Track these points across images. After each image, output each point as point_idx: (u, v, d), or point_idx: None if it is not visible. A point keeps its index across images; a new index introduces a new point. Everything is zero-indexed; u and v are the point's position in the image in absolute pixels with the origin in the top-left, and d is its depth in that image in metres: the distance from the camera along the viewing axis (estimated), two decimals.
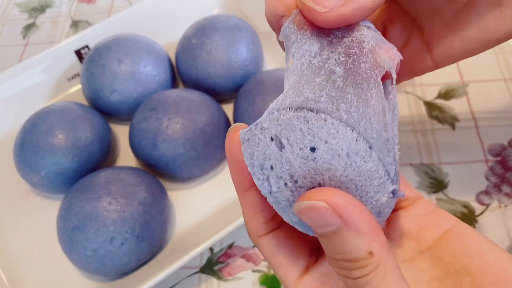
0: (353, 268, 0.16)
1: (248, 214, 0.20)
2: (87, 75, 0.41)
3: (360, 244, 0.15)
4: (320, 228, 0.16)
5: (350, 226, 0.15)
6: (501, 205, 0.36)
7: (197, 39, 0.41)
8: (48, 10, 0.57)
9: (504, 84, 0.42)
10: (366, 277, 0.15)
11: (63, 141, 0.36)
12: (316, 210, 0.15)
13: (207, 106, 0.38)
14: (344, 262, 0.16)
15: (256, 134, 0.17)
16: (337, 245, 0.16)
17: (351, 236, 0.15)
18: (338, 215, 0.15)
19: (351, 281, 0.16)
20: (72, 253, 0.33)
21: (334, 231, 0.15)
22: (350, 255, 0.15)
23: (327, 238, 0.16)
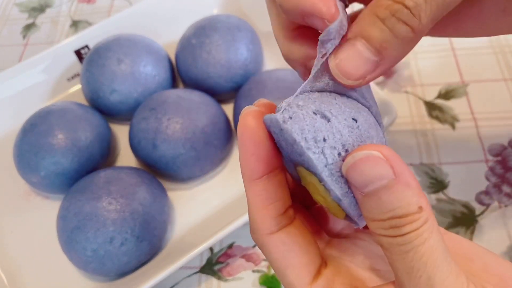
0: (404, 223, 0.15)
1: (257, 207, 0.18)
2: (87, 75, 0.41)
3: (411, 198, 0.15)
4: (370, 184, 0.15)
5: (401, 179, 0.15)
6: (501, 205, 0.36)
7: (197, 39, 0.41)
8: (48, 10, 0.57)
9: (504, 84, 0.42)
10: (417, 231, 0.15)
11: (63, 141, 0.36)
12: (371, 160, 0.15)
13: (207, 106, 0.38)
14: (394, 219, 0.15)
15: (296, 112, 0.17)
16: (388, 201, 0.15)
17: (403, 190, 0.15)
18: (391, 167, 0.15)
19: (400, 238, 0.15)
20: (72, 253, 0.33)
21: (385, 186, 0.15)
22: (402, 210, 0.15)
23: (375, 196, 0.15)
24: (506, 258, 0.33)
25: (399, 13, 0.16)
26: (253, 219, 0.19)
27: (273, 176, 0.18)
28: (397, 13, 0.16)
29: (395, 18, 0.16)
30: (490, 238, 0.34)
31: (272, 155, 0.18)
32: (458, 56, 0.45)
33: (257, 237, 0.19)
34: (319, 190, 0.17)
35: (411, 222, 0.15)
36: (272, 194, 0.18)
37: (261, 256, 0.35)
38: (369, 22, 0.17)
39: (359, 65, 0.17)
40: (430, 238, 0.15)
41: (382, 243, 0.16)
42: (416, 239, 0.15)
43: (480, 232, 0.35)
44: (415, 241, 0.15)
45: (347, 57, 0.17)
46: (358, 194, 0.16)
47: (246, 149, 0.18)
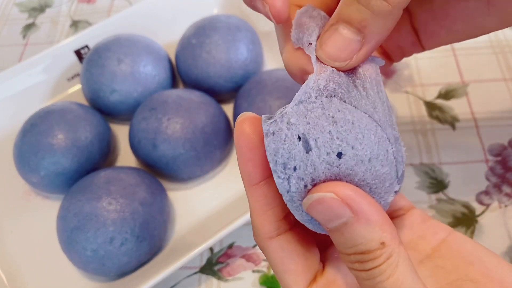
0: (366, 259, 0.16)
1: (258, 211, 0.18)
2: (87, 75, 0.41)
3: (371, 235, 0.15)
4: (330, 222, 0.16)
5: (360, 217, 0.15)
6: (501, 205, 0.36)
7: (197, 39, 0.41)
8: (47, 10, 0.57)
9: (505, 84, 0.42)
10: (379, 268, 0.16)
11: (63, 141, 0.36)
12: (325, 202, 0.15)
13: (207, 106, 0.38)
14: (357, 255, 0.16)
15: (282, 129, 0.16)
16: (348, 238, 0.16)
17: (362, 227, 0.15)
18: (348, 206, 0.15)
19: (364, 273, 0.16)
20: (72, 253, 0.33)
21: (344, 223, 0.15)
22: (363, 246, 0.15)
23: (338, 232, 0.16)
24: (506, 258, 0.33)
25: None
26: (254, 223, 0.19)
27: (272, 181, 0.18)
28: None
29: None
30: (490, 238, 0.34)
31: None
32: (458, 56, 0.45)
33: (259, 240, 0.19)
34: None
35: (374, 259, 0.16)
36: (271, 200, 0.18)
37: (261, 256, 0.35)
38: (346, 4, 0.17)
39: (344, 46, 0.17)
40: (394, 274, 0.16)
41: (353, 274, 0.17)
42: (379, 276, 0.16)
43: (480, 232, 0.35)
44: (378, 277, 0.16)
45: (330, 40, 0.17)
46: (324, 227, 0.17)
47: (243, 155, 0.18)
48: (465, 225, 0.35)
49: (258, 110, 0.37)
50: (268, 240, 0.19)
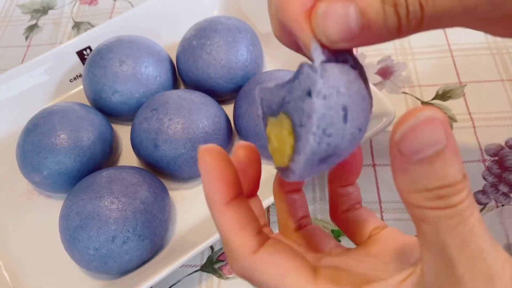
0: (452, 193, 0.14)
1: (234, 230, 0.18)
2: (89, 76, 0.42)
3: (459, 165, 0.14)
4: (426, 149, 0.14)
5: (450, 145, 0.14)
6: (498, 205, 0.36)
7: (197, 40, 0.42)
8: (50, 11, 0.57)
9: (501, 85, 0.43)
10: (465, 202, 0.14)
11: (66, 141, 0.37)
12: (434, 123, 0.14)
13: (208, 107, 0.38)
14: (442, 189, 0.14)
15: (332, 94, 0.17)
16: (438, 169, 0.14)
17: (453, 156, 0.14)
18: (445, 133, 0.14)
19: (450, 210, 0.14)
20: (74, 251, 0.33)
21: (438, 151, 0.14)
22: (451, 178, 0.14)
23: (428, 163, 0.14)
24: None
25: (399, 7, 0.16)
26: (231, 246, 0.18)
27: (241, 200, 0.18)
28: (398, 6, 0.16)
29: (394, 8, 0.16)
30: None
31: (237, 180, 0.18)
32: (455, 57, 0.46)
33: (241, 264, 0.18)
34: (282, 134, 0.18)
35: (459, 192, 0.14)
36: (247, 214, 0.18)
37: None
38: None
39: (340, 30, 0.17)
40: (476, 209, 0.15)
41: (425, 217, 0.15)
42: (466, 211, 0.14)
43: None
44: (465, 213, 0.14)
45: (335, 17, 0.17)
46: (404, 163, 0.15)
47: (213, 176, 0.18)
48: None
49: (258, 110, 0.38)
50: (252, 256, 0.18)
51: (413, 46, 0.47)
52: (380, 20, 0.17)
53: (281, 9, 0.18)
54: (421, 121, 0.14)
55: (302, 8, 0.18)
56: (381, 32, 0.17)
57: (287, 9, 0.18)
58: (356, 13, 0.17)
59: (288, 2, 0.18)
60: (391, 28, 0.17)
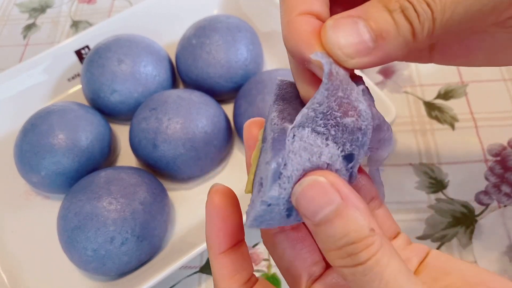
0: (360, 249, 0.15)
1: (224, 277, 0.19)
2: (87, 75, 0.41)
3: (362, 220, 0.15)
4: (321, 210, 0.15)
5: (349, 203, 0.15)
6: (500, 205, 0.36)
7: (197, 39, 0.41)
8: (48, 10, 0.57)
9: (504, 84, 0.43)
10: (376, 256, 0.15)
11: (64, 141, 0.36)
12: (317, 186, 0.15)
13: (207, 106, 0.38)
14: (349, 246, 0.15)
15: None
16: (339, 227, 0.15)
17: (352, 213, 0.15)
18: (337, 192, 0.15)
19: (360, 267, 0.15)
20: (73, 252, 0.33)
21: (335, 211, 0.15)
22: (355, 234, 0.15)
23: (327, 223, 0.15)
24: (505, 258, 0.33)
25: (408, 11, 0.16)
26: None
27: (238, 248, 0.19)
28: (406, 11, 0.16)
29: (403, 14, 0.16)
30: (489, 238, 0.34)
31: (238, 230, 0.19)
32: None
33: None
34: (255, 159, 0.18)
35: (368, 247, 0.15)
36: (238, 265, 0.19)
37: (261, 256, 0.36)
38: (376, 9, 0.16)
39: (354, 42, 0.16)
40: (391, 262, 0.15)
41: (345, 276, 0.16)
42: (377, 266, 0.15)
43: (480, 232, 0.35)
44: (376, 268, 0.15)
45: (345, 29, 0.16)
46: (310, 224, 0.16)
47: (214, 225, 0.19)
48: (464, 225, 0.35)
49: (258, 110, 0.37)
50: None
51: None
52: (392, 29, 0.16)
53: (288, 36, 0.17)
54: (306, 186, 0.15)
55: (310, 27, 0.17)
56: (397, 42, 0.16)
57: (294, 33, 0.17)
58: (366, 26, 0.16)
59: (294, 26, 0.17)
60: (405, 35, 0.16)
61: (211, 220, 0.19)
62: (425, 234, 0.35)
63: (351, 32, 0.16)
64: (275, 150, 0.16)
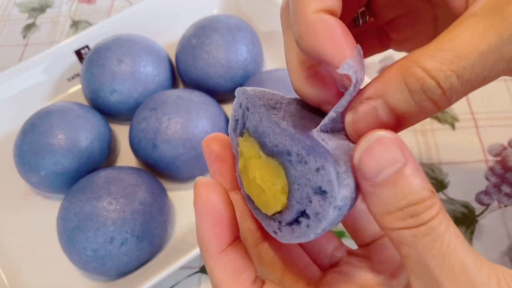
0: (424, 209, 0.14)
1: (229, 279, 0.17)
2: (87, 75, 0.41)
3: (423, 182, 0.14)
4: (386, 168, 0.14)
5: (410, 163, 0.14)
6: (501, 205, 0.36)
7: (197, 39, 0.41)
8: (48, 10, 0.57)
9: (504, 84, 0.43)
10: (438, 217, 0.14)
11: (63, 141, 0.36)
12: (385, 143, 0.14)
13: (207, 106, 0.38)
14: (412, 207, 0.14)
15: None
16: (403, 187, 0.14)
17: (415, 173, 0.14)
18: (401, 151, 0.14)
19: (423, 227, 0.14)
20: (72, 253, 0.33)
21: (399, 170, 0.14)
22: (417, 194, 0.14)
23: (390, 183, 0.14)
24: (505, 258, 0.33)
25: (430, 91, 0.15)
26: None
27: (237, 244, 0.18)
28: (428, 91, 0.15)
29: (425, 95, 0.15)
30: (490, 238, 0.34)
31: (233, 224, 0.17)
32: None
33: None
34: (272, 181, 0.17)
35: (430, 208, 0.14)
36: (241, 263, 0.17)
37: None
38: (395, 87, 0.16)
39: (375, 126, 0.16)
40: (451, 223, 0.15)
41: (403, 239, 0.15)
42: (440, 226, 0.14)
43: (480, 232, 0.35)
44: (439, 228, 0.14)
45: (365, 116, 0.16)
46: (370, 187, 0.15)
47: (209, 221, 0.17)
48: (464, 225, 0.35)
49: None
50: None
51: None
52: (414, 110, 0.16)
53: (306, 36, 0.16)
54: (373, 143, 0.14)
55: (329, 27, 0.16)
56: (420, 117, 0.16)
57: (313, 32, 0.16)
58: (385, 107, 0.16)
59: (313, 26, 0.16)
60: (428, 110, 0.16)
61: (203, 217, 0.17)
62: None
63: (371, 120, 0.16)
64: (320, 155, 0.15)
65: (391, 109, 0.16)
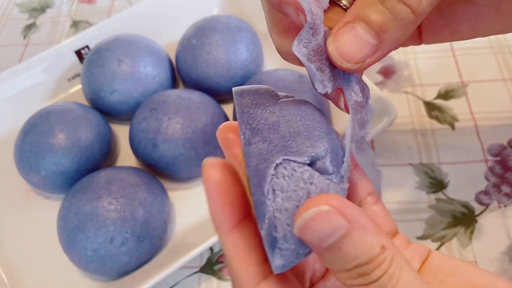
0: (372, 269, 0.15)
1: (239, 257, 0.17)
2: (87, 75, 0.41)
3: (371, 241, 0.15)
4: (328, 238, 0.15)
5: (356, 225, 0.15)
6: (500, 205, 0.36)
7: (197, 39, 0.41)
8: (48, 10, 0.57)
9: (504, 84, 0.43)
10: (387, 273, 0.15)
11: (63, 141, 0.36)
12: (322, 217, 0.14)
13: (207, 106, 0.38)
14: (360, 267, 0.15)
15: None
16: (349, 251, 0.15)
17: (360, 235, 0.15)
18: (343, 217, 0.14)
19: (373, 285, 0.15)
20: (73, 253, 0.33)
21: (342, 236, 0.15)
22: (365, 255, 0.15)
23: (335, 249, 0.15)
24: (505, 258, 0.33)
25: None
26: (236, 273, 0.18)
27: (248, 223, 0.18)
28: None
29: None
30: (489, 238, 0.34)
31: (243, 202, 0.18)
32: (457, 56, 0.45)
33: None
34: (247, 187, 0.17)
35: (379, 265, 0.15)
36: (251, 241, 0.18)
37: None
38: (368, 4, 0.16)
39: (359, 48, 0.16)
40: (402, 275, 0.15)
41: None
42: (389, 282, 0.15)
43: (480, 232, 0.35)
44: (390, 283, 0.15)
45: (346, 40, 0.16)
46: (317, 250, 0.15)
47: (218, 200, 0.17)
48: (464, 225, 0.35)
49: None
50: (259, 284, 0.17)
51: None
52: (390, 19, 0.16)
53: None
54: (308, 219, 0.15)
55: None
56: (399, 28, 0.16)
57: None
58: (364, 27, 0.16)
59: None
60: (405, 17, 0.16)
61: (213, 195, 0.17)
62: (425, 234, 0.35)
63: (352, 41, 0.16)
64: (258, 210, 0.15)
65: (368, 24, 0.16)
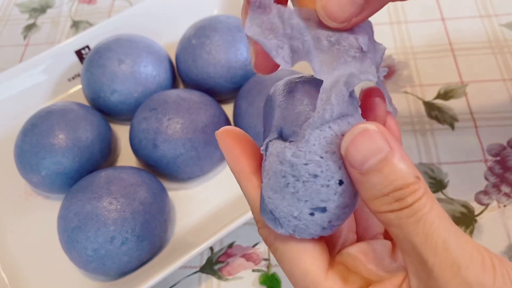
0: (407, 194, 0.15)
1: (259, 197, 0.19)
2: (88, 75, 0.41)
3: (408, 169, 0.15)
4: (371, 158, 0.15)
5: (395, 152, 0.15)
6: (500, 205, 0.36)
7: (197, 39, 0.41)
8: (48, 10, 0.57)
9: (503, 84, 0.43)
10: (421, 200, 0.15)
11: (64, 141, 0.36)
12: (368, 135, 0.15)
13: (207, 106, 0.38)
14: (396, 192, 0.15)
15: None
16: (387, 174, 0.15)
17: (399, 161, 0.15)
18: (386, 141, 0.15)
19: (407, 210, 0.15)
20: (73, 252, 0.33)
21: (384, 158, 0.15)
22: (402, 180, 0.15)
23: (375, 171, 0.15)
24: (505, 257, 0.33)
25: None
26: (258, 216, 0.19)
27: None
28: None
29: None
30: (489, 237, 0.34)
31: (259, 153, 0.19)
32: (457, 56, 0.45)
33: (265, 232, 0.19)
34: None
35: (414, 192, 0.15)
36: None
37: (261, 256, 0.36)
38: None
39: (345, 7, 0.17)
40: (435, 205, 0.16)
41: (390, 221, 0.16)
42: (424, 207, 0.15)
43: (479, 232, 0.35)
44: (423, 209, 0.15)
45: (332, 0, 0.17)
46: (357, 174, 0.16)
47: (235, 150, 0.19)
48: (464, 224, 0.35)
49: (258, 110, 0.38)
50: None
51: (415, 45, 0.47)
52: None
53: None
54: (357, 135, 0.16)
55: None
56: None
57: None
58: None
59: None
60: None
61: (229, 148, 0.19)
62: None
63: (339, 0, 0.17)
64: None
65: None
